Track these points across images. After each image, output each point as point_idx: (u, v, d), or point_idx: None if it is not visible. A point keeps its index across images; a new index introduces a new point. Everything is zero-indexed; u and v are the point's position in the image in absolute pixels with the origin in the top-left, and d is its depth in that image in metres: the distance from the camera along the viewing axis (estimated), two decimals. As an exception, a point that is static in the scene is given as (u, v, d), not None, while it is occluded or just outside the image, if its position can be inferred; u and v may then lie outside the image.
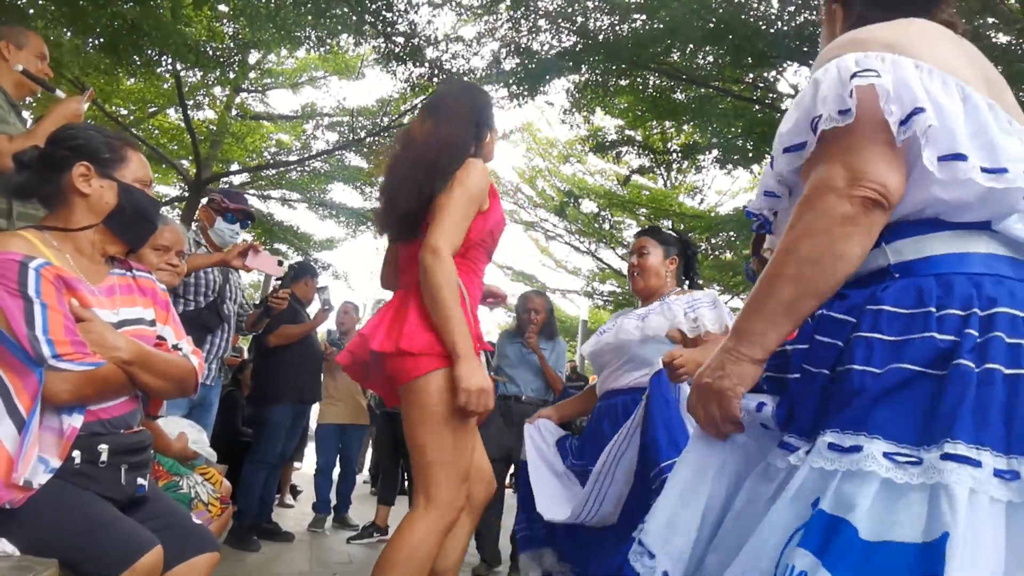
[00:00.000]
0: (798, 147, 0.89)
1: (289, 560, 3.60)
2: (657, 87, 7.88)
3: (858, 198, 0.82)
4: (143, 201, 1.45)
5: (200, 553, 1.37)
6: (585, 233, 13.65)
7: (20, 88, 2.26)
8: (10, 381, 1.17)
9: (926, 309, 0.81)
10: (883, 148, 0.83)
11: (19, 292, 1.20)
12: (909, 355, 0.79)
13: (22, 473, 1.14)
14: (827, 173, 0.84)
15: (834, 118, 0.84)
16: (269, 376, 4.04)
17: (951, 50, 0.91)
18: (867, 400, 0.78)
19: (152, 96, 8.63)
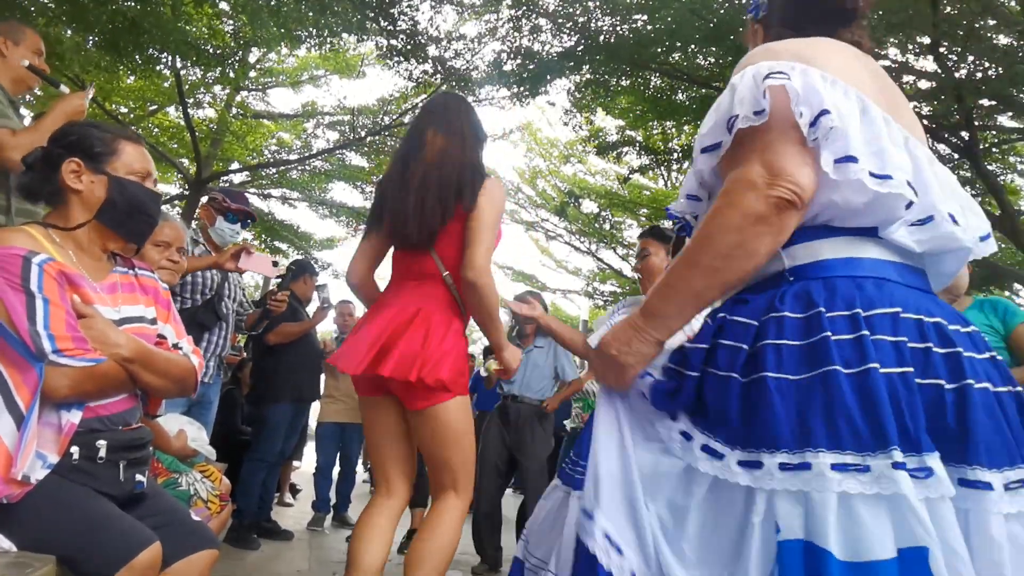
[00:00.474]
0: (714, 147, 0.94)
1: (288, 559, 3.59)
2: (658, 87, 7.88)
3: (773, 198, 0.85)
4: (137, 193, 1.40)
5: (199, 550, 1.36)
6: (585, 233, 13.66)
7: (18, 84, 2.24)
8: (9, 376, 1.17)
9: (816, 310, 0.85)
10: (796, 147, 0.87)
11: (21, 287, 1.20)
12: (816, 358, 0.82)
13: (20, 468, 1.14)
14: (746, 171, 0.88)
15: (750, 118, 0.88)
16: (268, 375, 4.03)
17: (854, 65, 0.97)
18: (796, 410, 0.80)
19: (152, 94, 8.62)
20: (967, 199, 0.98)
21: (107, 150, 1.39)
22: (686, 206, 1.05)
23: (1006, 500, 0.76)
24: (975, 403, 0.79)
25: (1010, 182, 9.01)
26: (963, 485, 0.77)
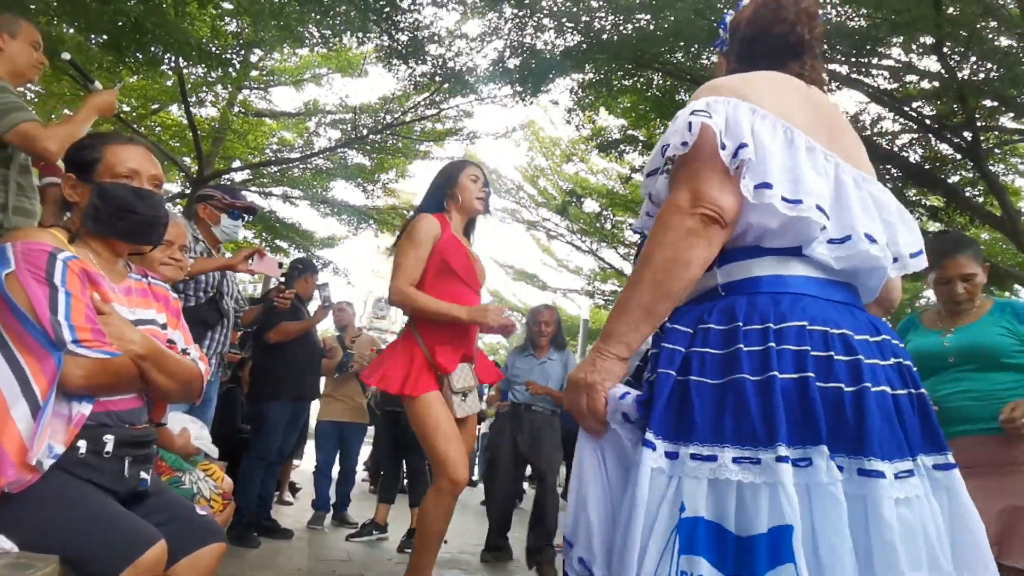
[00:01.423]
0: (654, 172, 1.07)
1: (288, 557, 3.60)
2: (661, 87, 7.86)
3: (698, 213, 0.98)
4: (119, 194, 1.41)
5: (207, 544, 1.38)
6: (587, 232, 13.64)
7: (18, 77, 2.23)
8: (27, 364, 1.20)
9: (735, 324, 0.97)
10: (719, 175, 0.99)
11: (45, 279, 1.25)
12: (730, 367, 0.94)
13: (35, 453, 1.16)
14: (675, 195, 1.01)
15: (677, 147, 1.01)
16: (268, 373, 4.04)
17: (791, 99, 1.08)
18: (711, 411, 0.93)
19: (155, 93, 8.61)
20: (900, 216, 1.09)
21: (92, 158, 1.43)
22: (645, 222, 1.16)
23: (896, 487, 0.88)
24: (870, 403, 0.91)
25: (1011, 183, 8.99)
26: (861, 474, 0.89)
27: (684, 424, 0.94)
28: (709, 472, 0.90)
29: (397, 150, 10.23)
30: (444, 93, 8.26)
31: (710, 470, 0.90)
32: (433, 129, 9.99)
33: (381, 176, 10.74)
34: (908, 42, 6.35)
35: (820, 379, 0.92)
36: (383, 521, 4.33)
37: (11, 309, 1.21)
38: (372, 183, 10.79)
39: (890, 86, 7.15)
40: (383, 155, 10.27)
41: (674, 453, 0.93)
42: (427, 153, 10.65)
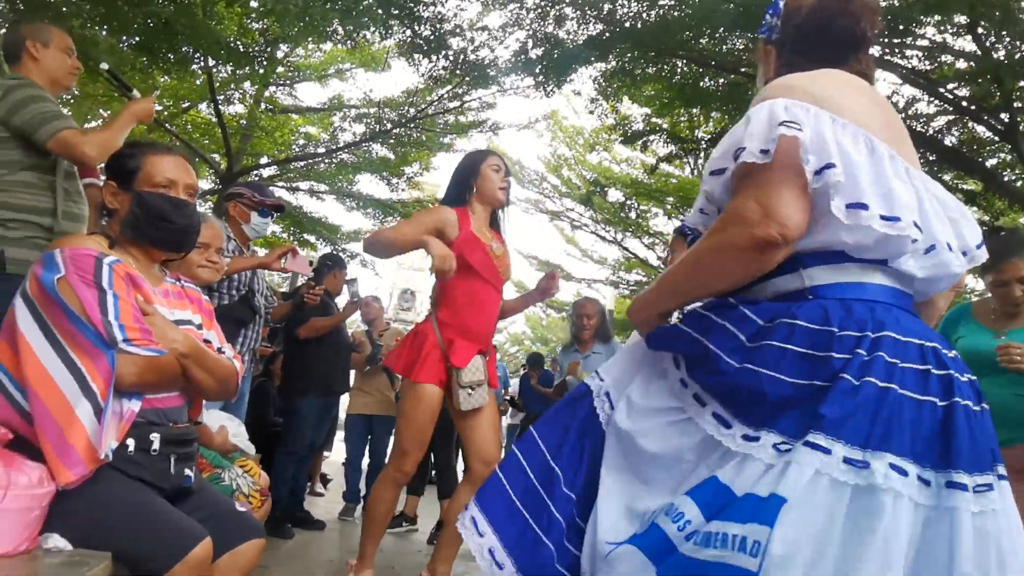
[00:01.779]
0: (720, 172, 1.03)
1: (320, 548, 3.68)
2: (685, 74, 7.75)
3: (759, 237, 0.94)
4: (156, 203, 1.46)
5: (246, 540, 1.42)
6: (611, 222, 13.54)
7: (56, 86, 2.28)
8: (83, 364, 1.26)
9: (829, 328, 0.95)
10: (796, 191, 0.95)
11: (94, 283, 1.30)
12: (811, 372, 0.94)
13: (103, 449, 1.23)
14: (742, 204, 0.97)
15: (755, 154, 0.96)
16: (299, 368, 4.12)
17: (864, 104, 1.05)
18: (774, 403, 0.94)
19: (185, 92, 8.77)
20: (960, 210, 1.08)
21: (132, 167, 1.48)
22: (697, 219, 1.16)
23: (974, 500, 0.89)
24: (959, 418, 0.91)
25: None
26: (949, 487, 0.89)
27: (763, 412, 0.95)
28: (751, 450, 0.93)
29: (421, 143, 10.26)
30: (467, 85, 8.25)
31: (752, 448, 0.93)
32: (456, 121, 9.99)
33: (405, 169, 10.80)
34: (942, 22, 6.16)
35: (917, 391, 0.92)
36: (412, 513, 4.40)
37: (64, 312, 1.27)
38: (397, 176, 10.85)
39: (924, 67, 6.94)
40: (407, 148, 10.32)
41: (727, 422, 0.97)
42: (451, 146, 10.68)
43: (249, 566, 1.43)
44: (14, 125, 2.06)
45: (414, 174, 11.15)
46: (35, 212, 2.12)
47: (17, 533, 1.16)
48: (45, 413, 1.23)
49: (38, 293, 1.30)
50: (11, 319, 1.31)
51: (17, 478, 1.16)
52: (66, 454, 1.21)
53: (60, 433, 1.21)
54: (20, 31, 2.24)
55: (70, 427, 1.22)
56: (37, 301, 1.30)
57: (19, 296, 1.33)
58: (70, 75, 2.32)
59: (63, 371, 1.25)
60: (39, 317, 1.29)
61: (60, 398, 1.23)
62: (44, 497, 1.20)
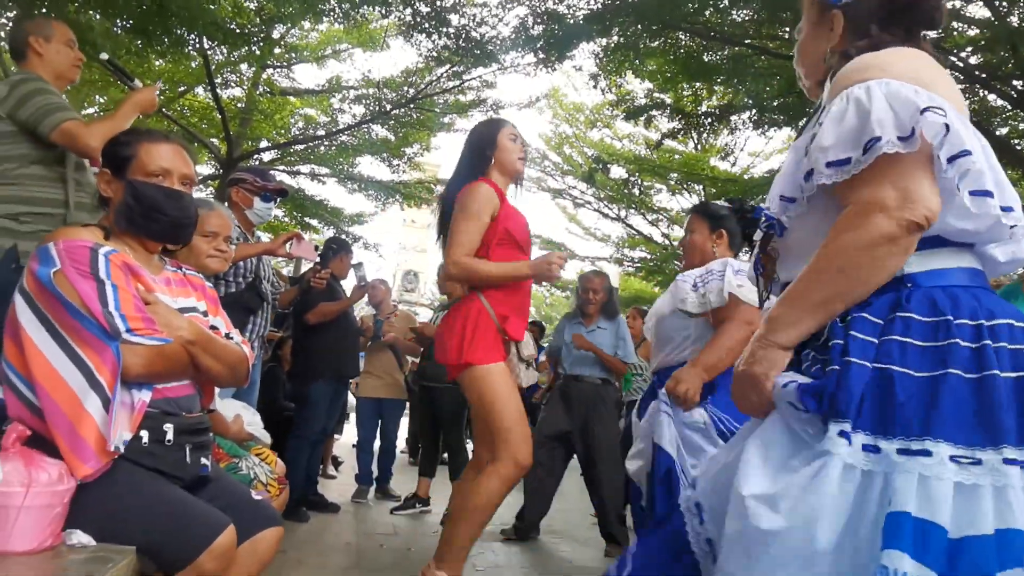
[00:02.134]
0: (843, 163, 0.95)
1: (336, 531, 3.71)
2: (688, 47, 7.62)
3: (905, 221, 0.91)
4: (149, 194, 1.42)
5: (265, 528, 1.41)
6: (614, 199, 13.46)
7: (60, 80, 2.29)
8: (88, 357, 1.23)
9: (944, 318, 0.91)
10: (929, 177, 0.93)
11: (91, 274, 1.27)
12: (942, 361, 0.88)
13: (113, 441, 1.21)
14: (879, 192, 0.93)
15: (895, 143, 0.91)
16: (309, 353, 4.11)
17: (950, 83, 1.01)
18: (918, 405, 0.87)
19: (181, 75, 8.64)
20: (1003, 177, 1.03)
21: (126, 155, 1.44)
22: (779, 208, 1.07)
23: None
24: None
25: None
26: None
27: (887, 417, 0.88)
28: (921, 468, 0.84)
29: (421, 123, 10.16)
30: (467, 64, 8.13)
31: (923, 466, 0.84)
32: (456, 101, 9.87)
33: (406, 150, 10.71)
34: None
35: None
36: (425, 495, 4.42)
37: (64, 306, 1.24)
38: (397, 157, 10.77)
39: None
40: (407, 129, 10.22)
41: (874, 447, 0.88)
42: (451, 125, 10.57)
43: (268, 554, 1.43)
44: (20, 119, 2.08)
45: (415, 154, 11.06)
46: (47, 204, 2.13)
47: (41, 530, 1.15)
48: (55, 408, 1.21)
49: (36, 288, 1.27)
50: (13, 316, 1.29)
51: (38, 475, 1.14)
52: (79, 448, 1.20)
53: (71, 427, 1.20)
54: (24, 27, 2.27)
55: (80, 421, 1.20)
56: (36, 296, 1.27)
57: (18, 292, 1.30)
58: (73, 67, 2.33)
59: (69, 366, 1.23)
60: (40, 313, 1.26)
61: (68, 393, 1.21)
62: (65, 493, 1.18)
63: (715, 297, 2.06)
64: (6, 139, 2.11)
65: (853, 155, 0.94)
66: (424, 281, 29.41)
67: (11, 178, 2.10)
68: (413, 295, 28.05)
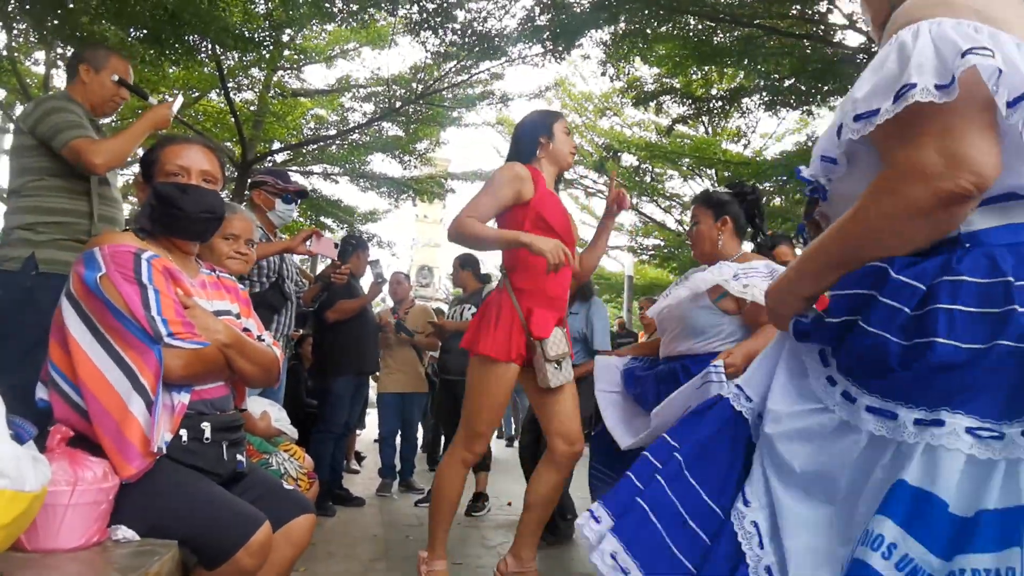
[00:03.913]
0: (869, 115, 0.85)
1: (363, 524, 3.78)
2: (697, 31, 7.54)
3: (945, 192, 0.79)
4: (164, 191, 1.46)
5: (297, 516, 1.47)
6: (626, 187, 13.35)
7: (97, 109, 2.36)
8: (132, 360, 1.28)
9: (1005, 279, 0.80)
10: (985, 131, 0.80)
11: (135, 279, 1.32)
12: (995, 330, 0.79)
13: (156, 442, 1.26)
14: (917, 155, 0.81)
15: (931, 91, 0.79)
16: (330, 349, 4.19)
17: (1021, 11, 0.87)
18: (953, 375, 0.80)
19: (195, 82, 8.76)
20: None
21: (151, 160, 1.50)
22: (820, 169, 0.99)
23: None
24: None
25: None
26: None
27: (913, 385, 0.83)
28: (930, 438, 0.79)
29: (431, 119, 10.18)
30: (475, 57, 8.14)
31: (932, 436, 0.79)
32: (465, 94, 9.88)
33: (417, 146, 10.74)
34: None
35: None
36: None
37: (109, 309, 1.29)
38: (408, 154, 10.81)
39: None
40: (417, 125, 10.24)
41: (891, 413, 0.84)
42: (460, 119, 10.58)
43: (302, 541, 1.48)
44: (39, 133, 2.17)
45: (426, 150, 11.09)
46: (65, 214, 2.20)
47: (88, 526, 1.20)
48: (101, 410, 1.26)
49: (83, 292, 1.32)
50: (59, 320, 1.34)
51: (83, 474, 1.20)
52: (125, 449, 1.24)
53: (117, 429, 1.25)
54: (82, 52, 2.37)
55: (125, 423, 1.25)
56: (82, 300, 1.32)
57: (64, 296, 1.35)
58: (111, 103, 2.40)
59: (114, 368, 1.27)
60: (85, 316, 1.31)
61: (114, 395, 1.26)
62: (110, 491, 1.24)
63: (760, 295, 2.03)
64: (28, 153, 2.20)
65: (882, 105, 0.83)
66: (439, 276, 29.51)
67: (30, 190, 2.19)
68: (427, 290, 28.16)
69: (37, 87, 8.34)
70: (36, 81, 8.61)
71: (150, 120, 2.29)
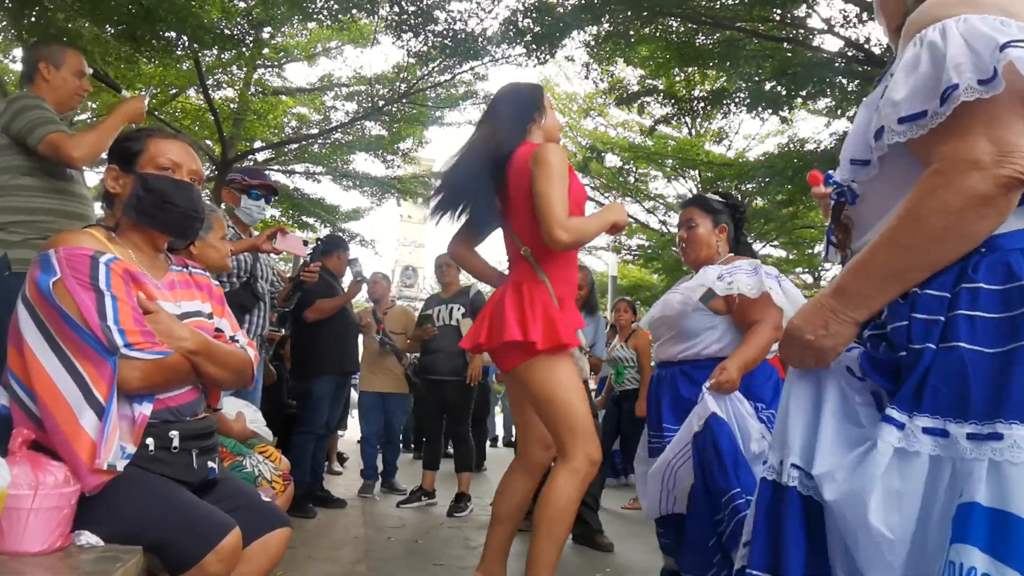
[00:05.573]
0: (917, 116, 0.85)
1: (344, 525, 3.75)
2: (680, 33, 7.60)
3: (1004, 178, 0.80)
4: (160, 185, 1.43)
5: (273, 529, 1.43)
6: (609, 187, 13.44)
7: (62, 105, 2.35)
8: (85, 371, 1.23)
9: (1018, 283, 0.81)
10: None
11: (91, 285, 1.26)
12: (1015, 333, 0.79)
13: (105, 458, 1.21)
14: (967, 147, 0.81)
15: (975, 88, 0.80)
16: (310, 350, 4.15)
17: None
18: (989, 384, 0.80)
19: (172, 78, 8.64)
20: None
21: (136, 149, 1.45)
22: (850, 172, 0.97)
23: None
24: None
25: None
26: None
27: (957, 400, 0.82)
28: (992, 452, 0.77)
29: (414, 118, 10.14)
30: (457, 58, 8.12)
31: (993, 450, 0.77)
32: (448, 94, 9.86)
33: (400, 145, 10.70)
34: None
35: None
36: (431, 487, 4.46)
37: (63, 318, 1.24)
38: (392, 153, 10.76)
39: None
40: (401, 124, 10.20)
41: (942, 431, 0.82)
42: (443, 119, 10.55)
43: (278, 554, 1.44)
44: (13, 131, 2.15)
45: (409, 149, 11.05)
46: (37, 213, 2.18)
47: (51, 531, 1.17)
48: (53, 423, 1.21)
49: (37, 297, 1.26)
50: (15, 325, 1.29)
51: (45, 478, 1.16)
52: (75, 464, 1.20)
53: (67, 443, 1.20)
54: (37, 51, 2.36)
55: (75, 438, 1.20)
56: (37, 305, 1.26)
57: (20, 301, 1.30)
58: (76, 96, 2.41)
59: (67, 379, 1.22)
60: (40, 323, 1.26)
61: (66, 408, 1.21)
62: (72, 495, 1.21)
63: (746, 288, 2.04)
64: (2, 152, 2.18)
65: (930, 107, 0.83)
66: (423, 276, 29.41)
67: (4, 190, 2.17)
68: (412, 290, 28.06)
69: (13, 84, 8.18)
70: (12, 78, 8.44)
71: (124, 113, 2.28)
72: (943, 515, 0.80)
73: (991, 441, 0.77)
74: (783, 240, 12.82)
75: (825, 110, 9.44)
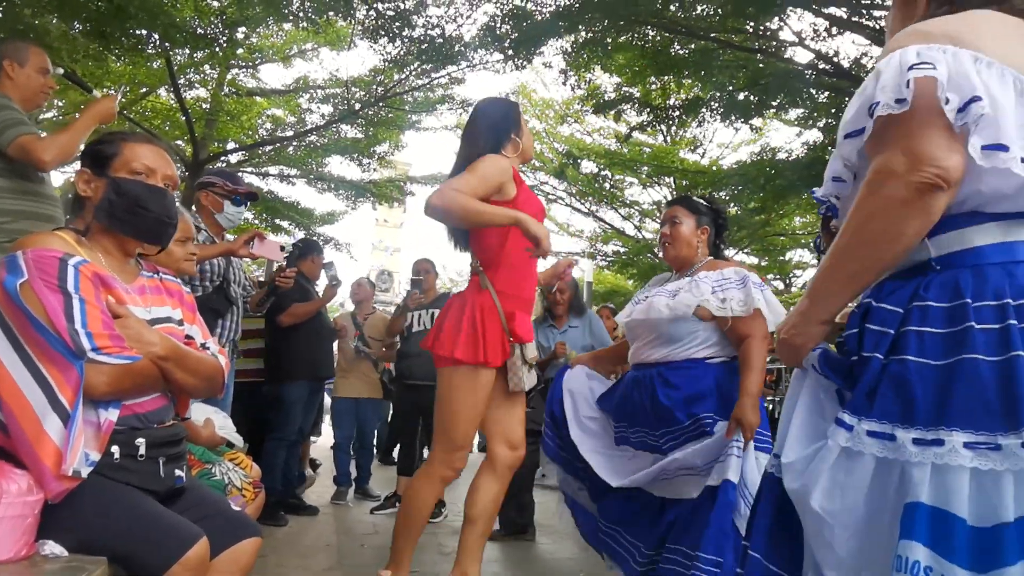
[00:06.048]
0: (857, 133, 0.95)
1: (317, 533, 3.70)
2: (656, 42, 7.70)
3: (915, 183, 0.87)
4: (134, 190, 1.40)
5: (243, 539, 1.41)
6: (586, 194, 13.54)
7: (28, 103, 2.31)
8: (51, 375, 1.20)
9: (962, 301, 0.90)
10: (941, 132, 0.88)
11: (58, 287, 1.24)
12: (958, 347, 0.88)
13: (70, 464, 1.18)
14: (887, 159, 0.90)
15: (890, 106, 0.89)
16: (284, 354, 4.09)
17: (1017, 43, 0.95)
18: (932, 393, 0.88)
19: (143, 77, 8.45)
20: None
21: (110, 153, 1.42)
22: (831, 188, 1.07)
23: None
24: None
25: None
26: None
27: (905, 407, 0.89)
28: (934, 457, 0.85)
29: (391, 122, 10.09)
30: (434, 62, 8.12)
31: (935, 455, 0.85)
32: (425, 98, 9.83)
33: (376, 149, 10.63)
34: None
35: None
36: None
37: (29, 320, 1.21)
38: (368, 156, 10.68)
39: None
40: (377, 127, 10.14)
41: (890, 436, 0.89)
42: (420, 123, 10.52)
43: (248, 565, 1.42)
44: None
45: (385, 153, 10.98)
46: (6, 215, 2.14)
47: (14, 540, 1.14)
48: (17, 429, 1.18)
49: (3, 300, 1.23)
50: None
51: (8, 486, 1.14)
52: (39, 471, 1.17)
53: (32, 449, 1.17)
54: (1, 49, 2.31)
55: (39, 444, 1.17)
56: (3, 308, 1.23)
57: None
58: (42, 94, 2.37)
59: (32, 383, 1.19)
60: (5, 325, 1.23)
61: (30, 413, 1.18)
62: (36, 504, 1.18)
63: (738, 306, 2.07)
64: None
65: (864, 125, 0.93)
66: (398, 281, 29.23)
67: None
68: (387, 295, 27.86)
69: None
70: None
71: (95, 113, 2.25)
72: (893, 518, 0.88)
73: (934, 446, 0.85)
74: (755, 247, 13.04)
75: (796, 120, 9.64)
